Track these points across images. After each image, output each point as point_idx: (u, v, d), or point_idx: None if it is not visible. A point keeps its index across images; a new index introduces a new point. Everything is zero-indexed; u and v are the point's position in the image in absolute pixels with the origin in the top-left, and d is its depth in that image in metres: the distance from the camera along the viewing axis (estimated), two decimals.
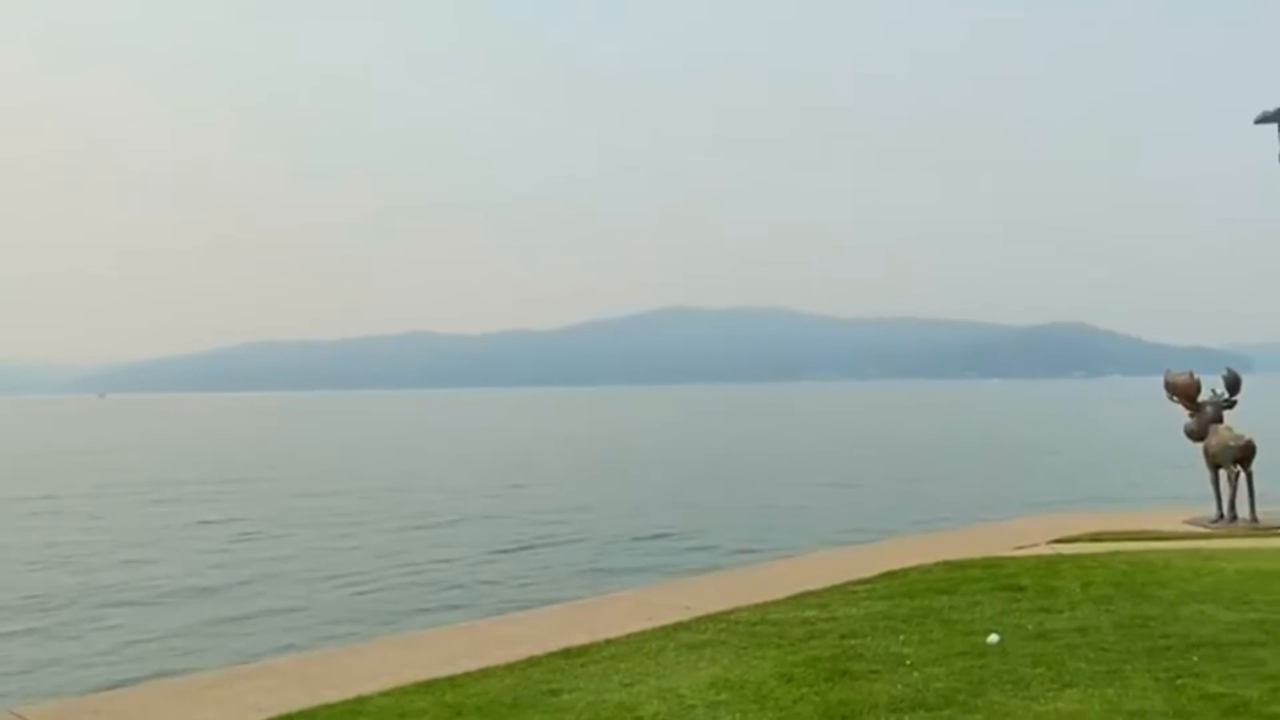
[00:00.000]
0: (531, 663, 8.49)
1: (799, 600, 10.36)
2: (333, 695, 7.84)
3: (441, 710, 7.00)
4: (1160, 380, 15.94)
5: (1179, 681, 6.20)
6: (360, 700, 7.66)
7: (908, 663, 7.18)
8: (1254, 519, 14.34)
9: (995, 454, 46.42)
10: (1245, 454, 14.41)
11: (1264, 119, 13.97)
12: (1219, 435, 14.82)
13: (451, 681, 7.94)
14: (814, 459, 44.90)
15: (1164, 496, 22.47)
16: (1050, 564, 11.14)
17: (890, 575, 11.29)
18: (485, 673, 8.20)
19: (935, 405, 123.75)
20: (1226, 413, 15.14)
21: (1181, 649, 7.01)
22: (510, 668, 8.31)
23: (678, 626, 9.42)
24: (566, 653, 8.69)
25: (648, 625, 9.70)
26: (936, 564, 11.71)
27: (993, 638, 7.69)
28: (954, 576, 10.76)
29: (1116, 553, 11.80)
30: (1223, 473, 14.80)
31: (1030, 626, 8.07)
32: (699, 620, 9.64)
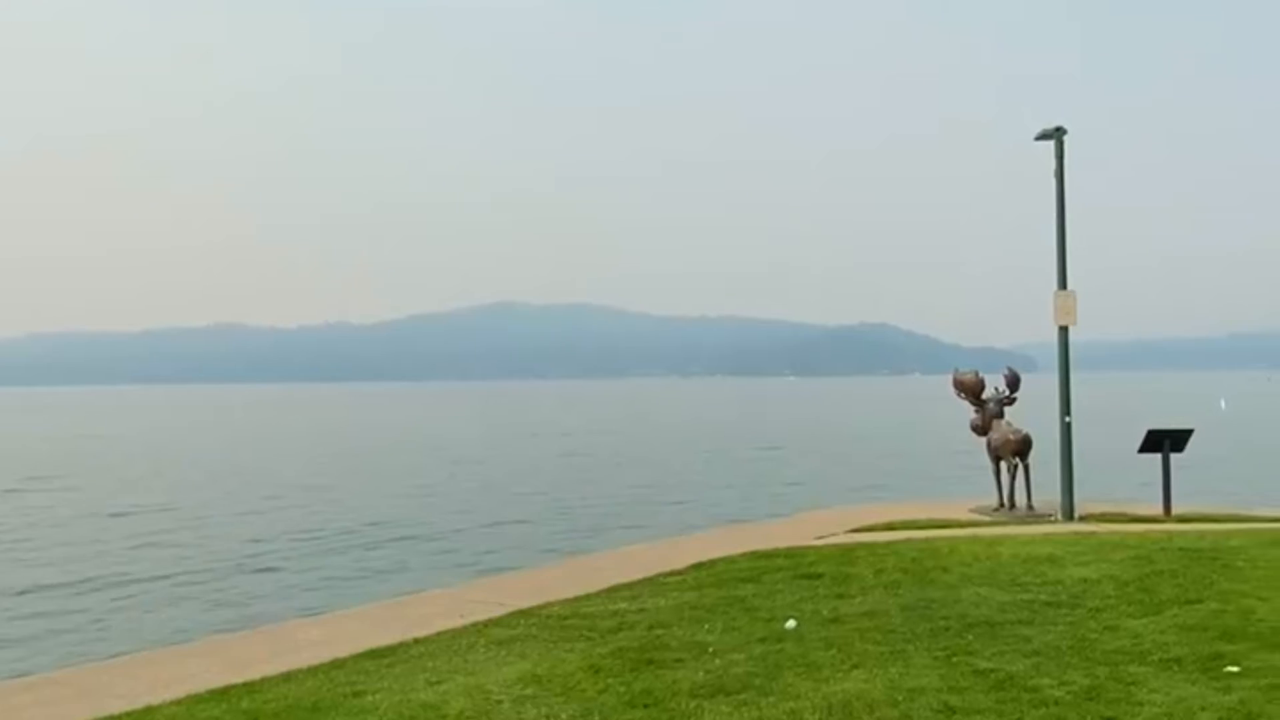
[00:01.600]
0: (335, 665, 8.29)
1: (611, 593, 10.54)
2: (118, 706, 7.43)
3: (236, 717, 6.77)
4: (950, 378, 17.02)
5: (954, 659, 6.68)
6: (148, 711, 7.30)
7: (710, 650, 7.43)
8: (1030, 507, 15.53)
9: (805, 447, 48.37)
10: (1023, 447, 15.58)
11: (1042, 136, 15.15)
12: (1000, 430, 15.96)
13: (249, 687, 7.66)
14: (634, 454, 45.54)
15: (953, 487, 24.01)
16: (847, 552, 11.73)
17: (699, 566, 11.64)
18: (286, 677, 7.95)
19: (753, 401, 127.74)
20: (1007, 409, 16.32)
21: (959, 629, 7.55)
22: (313, 670, 8.09)
23: (489, 623, 9.41)
24: (373, 653, 8.54)
25: (459, 623, 9.64)
26: (743, 554, 12.14)
27: (790, 623, 8.06)
28: (759, 566, 11.19)
29: (908, 540, 12.55)
30: (1003, 464, 15.94)
31: (825, 612, 8.49)
32: (510, 616, 9.66)
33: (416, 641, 8.92)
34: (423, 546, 20.65)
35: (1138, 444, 15.72)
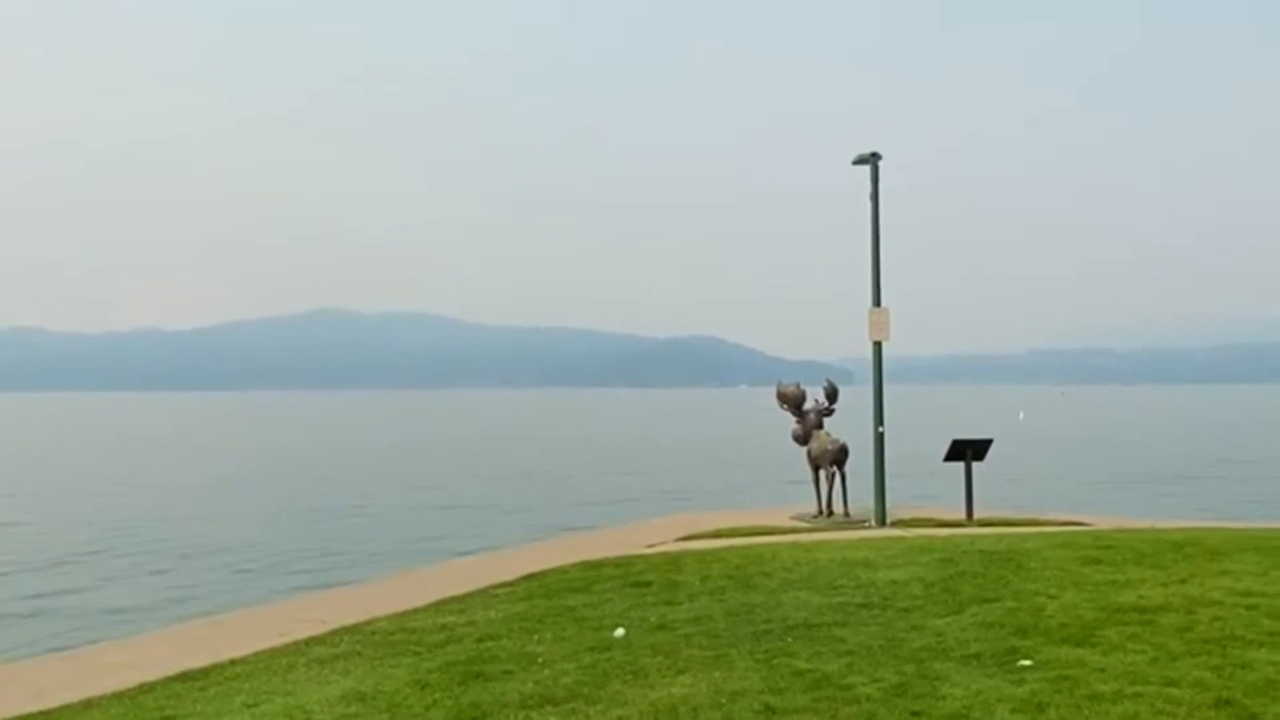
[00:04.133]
0: (144, 689, 7.87)
1: (439, 607, 10.40)
2: None
3: None
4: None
5: (775, 661, 6.93)
6: None
7: (540, 660, 7.45)
8: (846, 514, 16.26)
9: (634, 457, 48.97)
10: (841, 456, 16.31)
11: (859, 161, 15.93)
12: (819, 440, 16.65)
13: (46, 716, 7.18)
14: (465, 465, 44.96)
15: (775, 495, 24.83)
16: (675, 560, 11.97)
17: (530, 577, 11.63)
18: (88, 704, 7.51)
19: (582, 412, 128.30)
20: (826, 419, 17.04)
21: (779, 632, 7.83)
22: (119, 697, 7.66)
23: (310, 641, 9.12)
24: (184, 676, 8.14)
25: (279, 642, 9.31)
26: (574, 564, 12.21)
27: (619, 632, 8.17)
28: (589, 575, 11.28)
29: (731, 547, 12.91)
30: (822, 473, 16.64)
31: (653, 619, 8.65)
32: (334, 633, 9.40)
33: (232, 662, 8.56)
34: (233, 563, 19.70)
35: (943, 453, 16.70)
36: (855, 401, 22.99)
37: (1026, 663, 6.55)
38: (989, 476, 18.39)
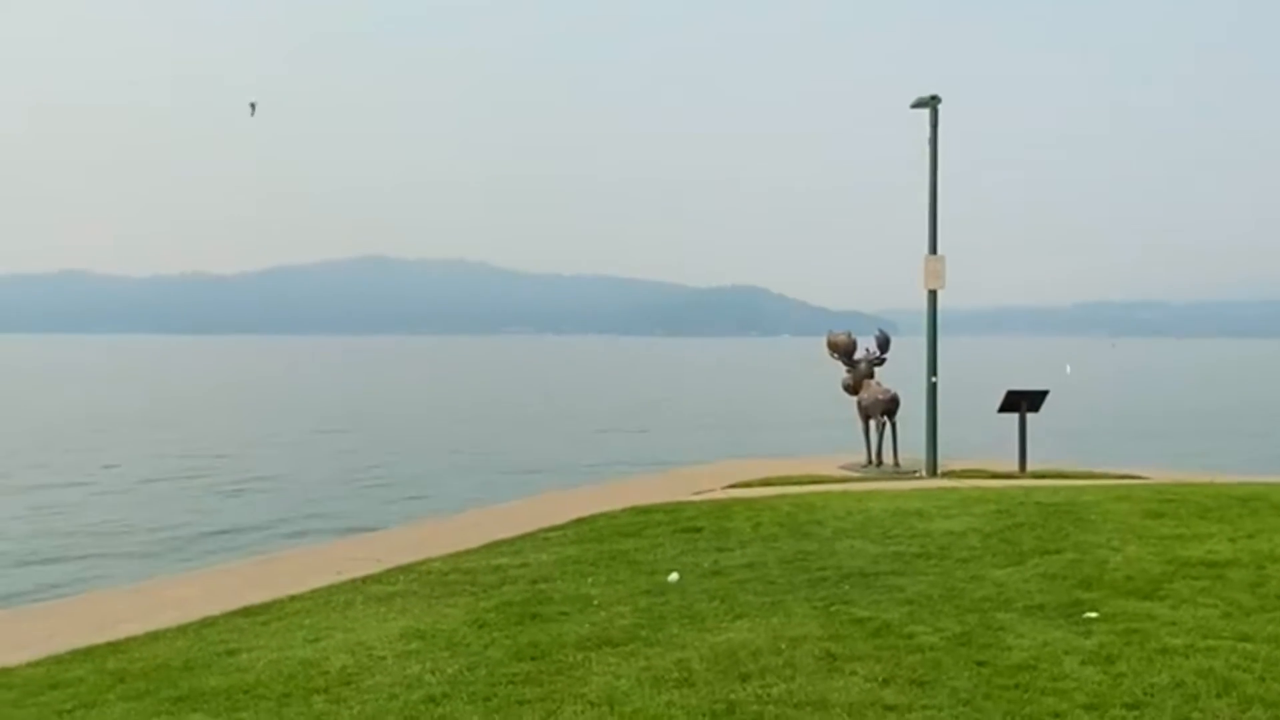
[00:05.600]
0: (206, 623, 8.01)
1: (492, 548, 10.47)
2: None
3: (102, 678, 6.46)
4: (823, 340, 17.43)
5: (833, 609, 6.88)
6: (4, 673, 6.90)
7: (595, 603, 7.46)
8: (896, 464, 16.12)
9: (680, 405, 49.00)
10: (892, 406, 16.13)
11: (918, 104, 15.54)
12: (870, 389, 16.47)
13: (114, 647, 7.34)
14: (514, 411, 45.28)
15: (823, 445, 24.68)
16: (725, 507, 11.94)
17: (581, 521, 11.66)
18: (154, 636, 7.65)
19: (630, 360, 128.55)
20: (877, 369, 16.83)
21: (835, 580, 7.78)
22: (182, 629, 7.80)
23: (367, 579, 9.22)
24: (246, 611, 8.27)
25: (336, 579, 9.43)
26: (624, 510, 12.21)
27: (673, 576, 8.16)
28: (639, 520, 11.29)
29: (782, 495, 12.84)
30: (872, 423, 16.48)
31: (706, 564, 8.63)
32: (390, 572, 9.49)
33: (292, 598, 8.68)
34: (292, 503, 20.04)
35: (995, 405, 16.45)
36: (899, 353, 22.68)
37: (1093, 615, 6.44)
38: (1036, 429, 17.95)
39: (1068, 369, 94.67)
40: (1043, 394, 16.40)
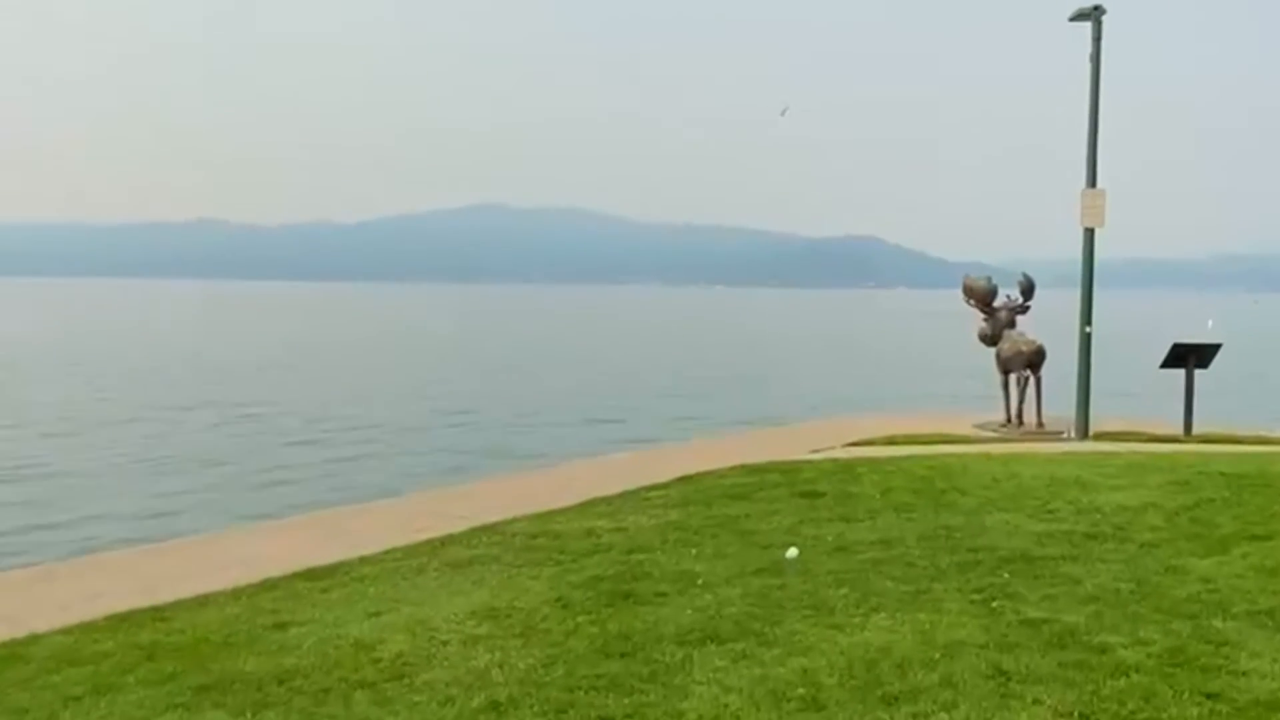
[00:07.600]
0: (267, 585, 7.19)
1: (586, 508, 9.43)
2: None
3: (128, 653, 5.62)
4: (947, 291, 15.83)
5: (994, 604, 5.55)
6: (32, 640, 6.16)
7: (699, 582, 6.32)
8: (1040, 424, 14.48)
9: (789, 358, 47.33)
10: (1036, 359, 14.48)
11: (1078, 16, 13.64)
12: (1011, 340, 14.83)
13: (156, 613, 6.53)
14: (624, 361, 44.42)
15: (949, 401, 22.93)
16: (847, 468, 10.63)
17: (685, 480, 10.53)
18: (202, 600, 6.84)
19: (741, 311, 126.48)
20: (1020, 318, 15.16)
21: (991, 564, 6.43)
22: (236, 594, 6.97)
23: (446, 540, 8.28)
24: (308, 573, 7.41)
25: (415, 538, 8.52)
26: (732, 468, 11.03)
27: (791, 552, 6.93)
28: (750, 481, 10.08)
29: (912, 456, 11.45)
30: (1012, 377, 14.86)
31: (830, 538, 7.38)
32: (472, 532, 8.54)
33: (362, 560, 7.80)
34: (378, 450, 19.37)
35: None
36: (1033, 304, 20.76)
37: None
38: (1178, 389, 15.63)
39: (1209, 324, 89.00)
40: (1215, 347, 14.52)
